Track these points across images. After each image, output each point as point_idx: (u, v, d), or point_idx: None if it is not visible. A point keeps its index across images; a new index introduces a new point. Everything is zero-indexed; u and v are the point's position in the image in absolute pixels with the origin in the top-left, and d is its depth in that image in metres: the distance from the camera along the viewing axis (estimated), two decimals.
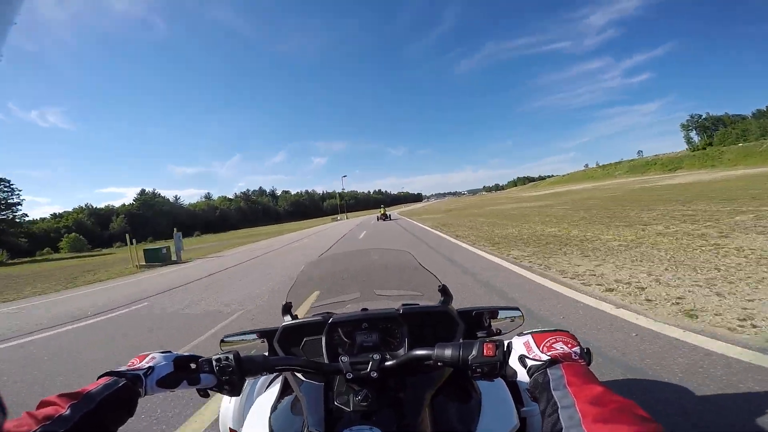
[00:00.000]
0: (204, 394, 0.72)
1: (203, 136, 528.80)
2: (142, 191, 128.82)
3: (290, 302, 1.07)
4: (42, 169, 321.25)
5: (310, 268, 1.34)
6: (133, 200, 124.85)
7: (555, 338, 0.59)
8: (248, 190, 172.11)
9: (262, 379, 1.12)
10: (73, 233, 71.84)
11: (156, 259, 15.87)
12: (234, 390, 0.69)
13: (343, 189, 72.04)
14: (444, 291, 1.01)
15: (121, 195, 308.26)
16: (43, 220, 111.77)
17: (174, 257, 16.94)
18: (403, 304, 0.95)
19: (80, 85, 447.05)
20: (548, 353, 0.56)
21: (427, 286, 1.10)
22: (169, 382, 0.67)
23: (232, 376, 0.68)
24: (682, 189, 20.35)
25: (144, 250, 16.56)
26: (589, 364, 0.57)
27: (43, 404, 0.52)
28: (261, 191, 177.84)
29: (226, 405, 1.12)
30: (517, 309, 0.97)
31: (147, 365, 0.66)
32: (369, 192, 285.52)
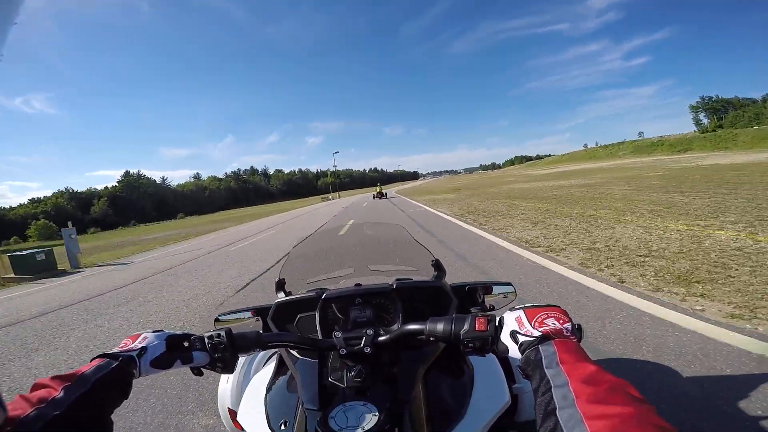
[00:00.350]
0: (197, 372, 0.70)
1: (195, 117, 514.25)
2: (126, 173, 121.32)
3: (284, 279, 1.04)
4: (32, 154, 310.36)
5: (303, 243, 1.29)
6: (117, 182, 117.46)
7: (547, 313, 0.57)
8: (239, 170, 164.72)
9: (259, 357, 1.09)
10: (42, 220, 65.27)
11: (26, 269, 10.18)
12: (227, 367, 0.68)
13: (335, 166, 65.77)
14: (437, 266, 0.99)
15: (112, 178, 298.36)
16: (21, 205, 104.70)
17: (65, 264, 11.30)
18: (397, 279, 0.93)
19: (65, 70, 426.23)
20: (540, 329, 0.54)
21: (421, 261, 1.07)
22: (162, 362, 0.66)
23: (225, 353, 0.66)
24: (743, 169, 14.41)
25: (10, 257, 10.68)
26: (580, 340, 0.55)
27: (37, 387, 0.51)
28: (253, 170, 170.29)
29: (224, 385, 1.08)
30: (509, 284, 0.95)
31: (140, 346, 0.65)
32: (364, 170, 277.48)
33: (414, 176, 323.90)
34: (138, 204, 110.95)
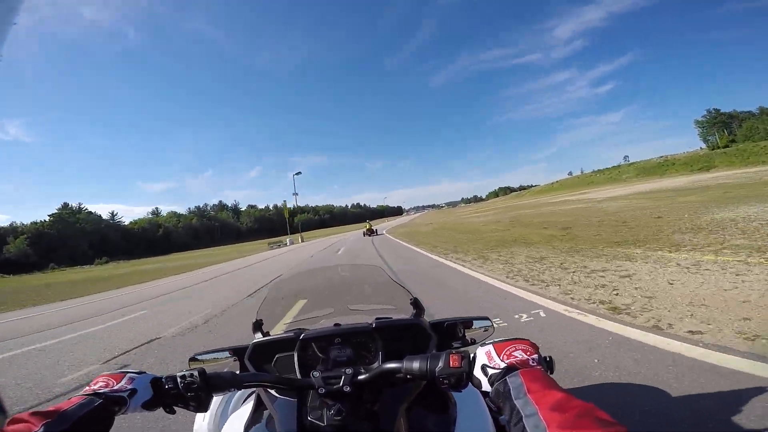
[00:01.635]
0: (170, 410, 0.70)
1: (174, 149, 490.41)
2: (65, 205, 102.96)
3: (261, 319, 1.03)
4: (1, 183, 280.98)
5: (281, 284, 1.29)
6: (48, 216, 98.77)
7: (515, 346, 0.59)
8: (205, 205, 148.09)
9: (237, 396, 1.08)
10: None
11: None
12: (201, 406, 0.68)
13: (296, 194, 48.28)
14: (416, 304, 1.00)
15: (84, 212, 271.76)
16: None
17: None
18: (377, 318, 0.93)
19: (45, 96, 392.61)
20: (506, 361, 0.56)
21: (400, 300, 1.09)
22: (151, 405, 0.68)
23: (198, 392, 0.66)
24: None
25: None
26: (551, 372, 0.57)
27: (15, 421, 0.50)
28: (221, 206, 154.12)
29: (199, 423, 1.05)
30: (487, 319, 0.96)
31: (129, 387, 0.65)
32: (346, 206, 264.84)
33: (398, 211, 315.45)
34: (71, 243, 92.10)
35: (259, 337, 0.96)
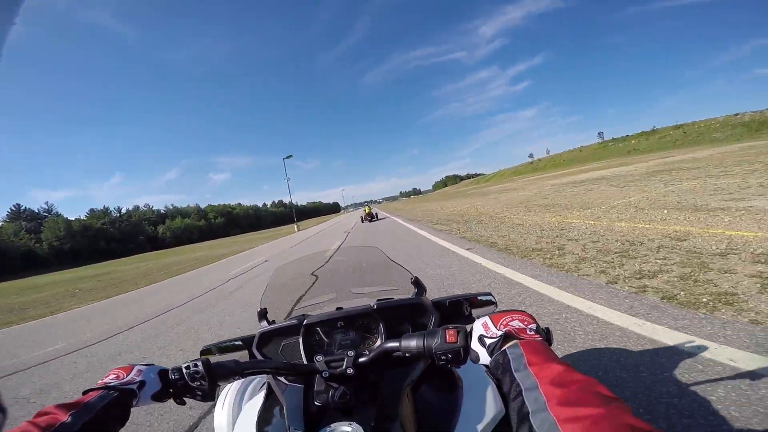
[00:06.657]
0: (180, 401, 0.75)
1: (74, 152, 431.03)
2: None
3: (265, 308, 1.09)
4: None
5: (281, 272, 1.35)
6: None
7: (512, 317, 0.61)
8: None
9: (252, 386, 1.13)
10: None
11: None
12: (207, 396, 0.72)
13: None
14: (417, 283, 1.05)
15: None
16: None
17: None
18: (378, 300, 0.97)
19: None
20: (503, 329, 0.58)
21: (401, 280, 1.13)
22: (160, 396, 0.73)
23: (203, 381, 0.70)
24: None
25: None
26: (550, 344, 0.58)
27: (42, 414, 0.55)
28: (14, 214, 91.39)
29: (218, 414, 1.09)
30: (489, 294, 1.00)
31: (138, 379, 0.70)
32: (264, 205, 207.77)
33: (335, 209, 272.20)
34: None
35: (264, 325, 1.00)
